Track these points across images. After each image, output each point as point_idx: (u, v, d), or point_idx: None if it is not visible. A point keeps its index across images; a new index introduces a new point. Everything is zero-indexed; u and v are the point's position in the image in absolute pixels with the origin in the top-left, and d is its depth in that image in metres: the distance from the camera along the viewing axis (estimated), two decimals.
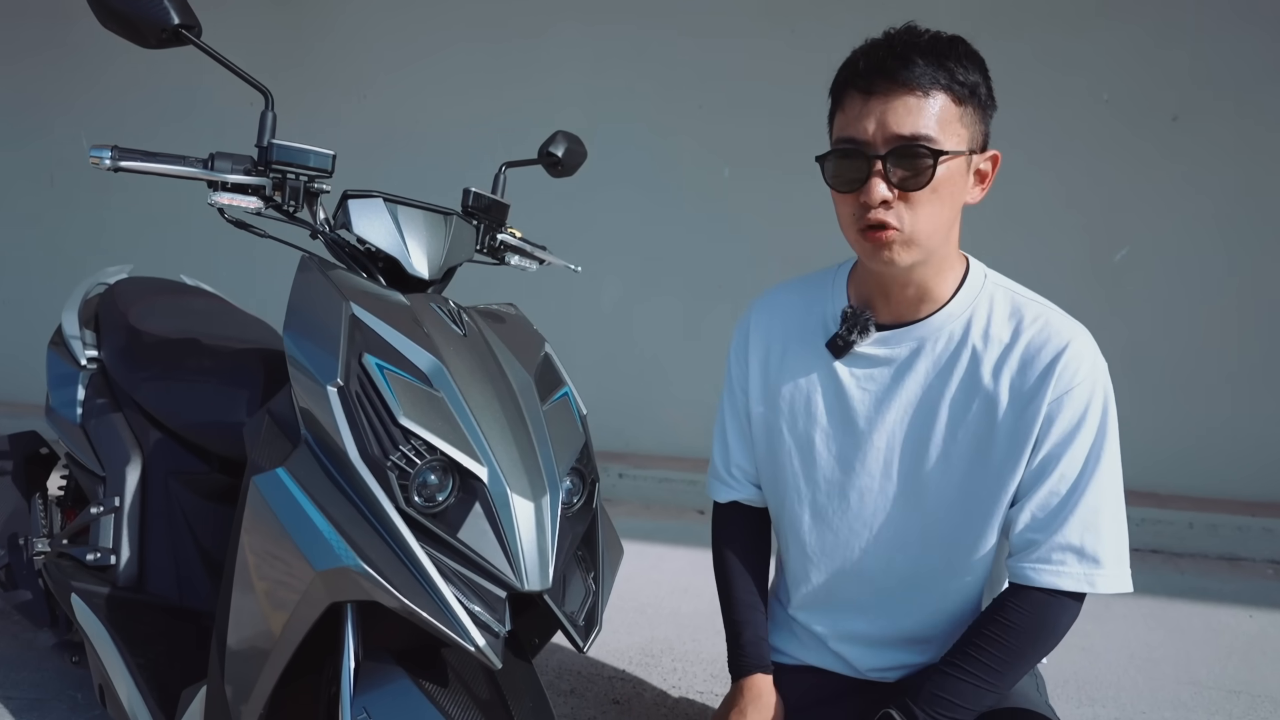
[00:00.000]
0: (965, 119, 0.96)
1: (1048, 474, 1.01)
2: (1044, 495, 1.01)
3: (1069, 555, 0.99)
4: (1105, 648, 2.09)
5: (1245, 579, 2.60)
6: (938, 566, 1.10)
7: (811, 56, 3.08)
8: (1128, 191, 2.93)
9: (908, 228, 0.96)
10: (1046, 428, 1.00)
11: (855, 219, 0.98)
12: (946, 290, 1.06)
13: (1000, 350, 1.02)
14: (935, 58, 0.93)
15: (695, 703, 1.86)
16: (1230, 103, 2.82)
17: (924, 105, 0.93)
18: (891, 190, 0.94)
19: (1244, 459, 2.91)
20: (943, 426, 1.05)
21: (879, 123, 0.93)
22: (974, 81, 0.96)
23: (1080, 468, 1.00)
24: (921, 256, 0.99)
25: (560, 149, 1.53)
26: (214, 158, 1.09)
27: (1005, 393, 1.01)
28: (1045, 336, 1.01)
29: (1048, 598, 1.01)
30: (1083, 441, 1.00)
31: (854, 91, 0.96)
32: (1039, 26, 2.89)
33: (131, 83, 4.10)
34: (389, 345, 0.97)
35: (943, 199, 0.96)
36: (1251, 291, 2.88)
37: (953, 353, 1.05)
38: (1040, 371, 0.99)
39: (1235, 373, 2.91)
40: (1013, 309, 1.05)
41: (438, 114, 3.67)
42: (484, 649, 0.84)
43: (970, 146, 0.97)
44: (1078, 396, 0.99)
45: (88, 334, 1.69)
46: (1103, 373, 1.01)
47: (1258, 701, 1.85)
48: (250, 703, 0.92)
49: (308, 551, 0.85)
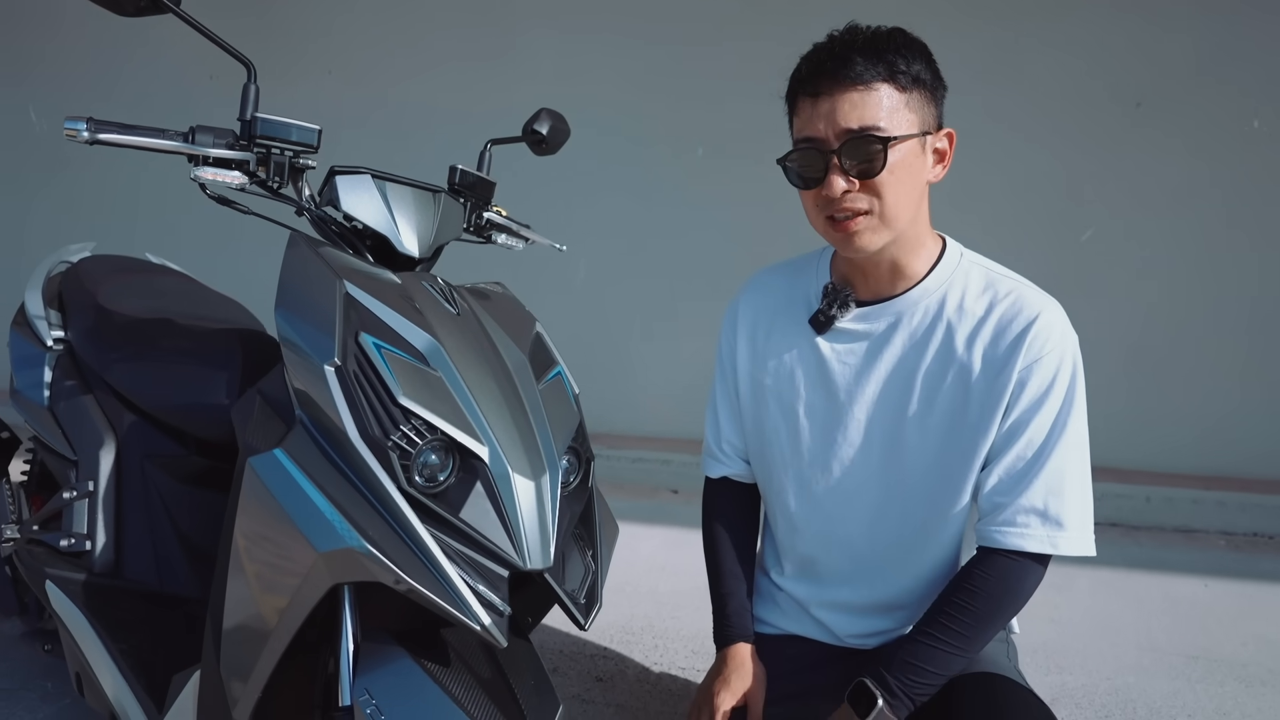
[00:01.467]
0: (912, 104, 1.00)
1: (1016, 438, 1.04)
2: (1011, 459, 1.04)
3: (1033, 518, 1.02)
4: (1070, 618, 2.16)
5: (1200, 550, 2.71)
6: (915, 532, 1.13)
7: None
8: (1093, 175, 3.00)
9: (875, 210, 1.00)
10: (1017, 394, 1.03)
11: (820, 212, 1.03)
12: (921, 267, 1.10)
13: (974, 323, 1.06)
14: (873, 53, 0.98)
15: (678, 678, 1.88)
16: (1192, 89, 2.89)
17: (867, 98, 0.97)
18: (850, 181, 0.99)
19: (1198, 435, 3.03)
20: (918, 396, 1.09)
21: (828, 120, 0.99)
22: (916, 69, 0.99)
23: (1047, 433, 1.03)
24: (890, 237, 1.03)
25: (545, 126, 1.51)
26: (195, 131, 1.05)
27: (978, 362, 1.05)
28: (1017, 308, 1.04)
29: (1012, 561, 1.04)
30: (1050, 408, 1.03)
31: (803, 96, 1.02)
32: (1013, 15, 2.92)
33: (82, 56, 3.94)
34: (384, 324, 0.95)
35: (901, 180, 1.00)
36: (1211, 271, 2.98)
37: (928, 326, 1.08)
38: (1011, 340, 1.03)
39: (1193, 351, 3.01)
40: (987, 284, 1.08)
41: (406, 91, 3.60)
42: (489, 628, 0.84)
43: (923, 129, 1.01)
44: (1047, 364, 1.02)
45: (52, 314, 1.63)
46: (1072, 344, 1.05)
47: (1214, 665, 1.94)
48: (249, 686, 0.91)
49: (309, 533, 0.83)
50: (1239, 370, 2.99)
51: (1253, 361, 2.98)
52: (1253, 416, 2.98)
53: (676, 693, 1.83)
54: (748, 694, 1.17)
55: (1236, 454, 3.01)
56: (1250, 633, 2.10)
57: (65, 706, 1.65)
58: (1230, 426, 3.01)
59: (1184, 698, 1.80)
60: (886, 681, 1.02)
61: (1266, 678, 1.88)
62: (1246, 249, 2.94)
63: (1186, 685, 1.85)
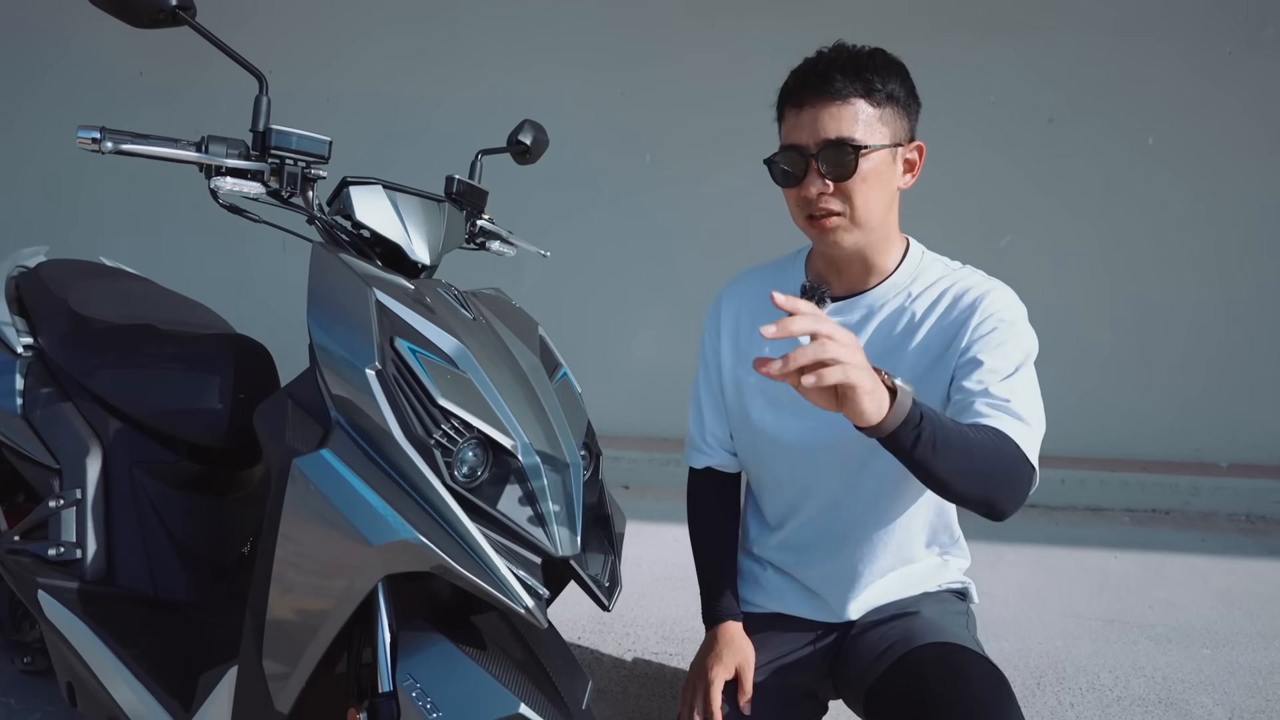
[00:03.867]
0: (885, 118, 1.12)
1: (977, 367, 1.09)
2: (978, 376, 1.09)
3: (997, 413, 1.05)
4: (1000, 591, 2.37)
5: (1108, 526, 2.99)
6: (890, 504, 1.25)
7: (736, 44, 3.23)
8: (1011, 184, 3.25)
9: (847, 212, 1.12)
10: (973, 340, 1.12)
11: (801, 209, 1.16)
12: (890, 264, 1.23)
13: (933, 307, 1.19)
14: (853, 71, 1.10)
15: (651, 662, 1.97)
16: (1099, 107, 3.17)
17: (844, 111, 1.09)
18: (826, 183, 1.11)
19: (1105, 423, 3.31)
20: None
21: (810, 129, 1.10)
22: (891, 87, 1.12)
23: (1010, 370, 1.10)
24: (861, 235, 1.15)
25: (529, 137, 1.58)
26: (207, 141, 1.08)
27: (937, 334, 1.17)
28: (970, 285, 1.18)
29: (1001, 435, 1.03)
30: (1009, 349, 1.11)
31: (790, 106, 1.14)
32: (938, 34, 3.13)
33: (10, 53, 3.73)
34: (415, 329, 1.00)
35: (872, 186, 1.12)
36: (1117, 274, 3.27)
37: (896, 314, 1.21)
38: (965, 308, 1.16)
39: (1100, 348, 3.30)
40: (944, 274, 1.23)
41: (346, 93, 3.56)
42: (533, 610, 0.92)
43: (894, 140, 1.13)
44: (1001, 318, 1.13)
45: (18, 320, 1.59)
46: (1022, 309, 1.18)
47: (1128, 628, 2.17)
48: (293, 677, 0.94)
49: (363, 527, 0.88)
50: (1137, 362, 3.29)
51: (1153, 353, 3.28)
52: (1151, 403, 3.29)
53: (652, 676, 1.92)
54: (739, 667, 1.26)
55: (1137, 438, 3.32)
56: (1156, 597, 2.35)
57: (50, 713, 1.61)
58: (1131, 413, 3.31)
59: (1104, 657, 2.01)
60: (916, 405, 0.92)
61: (1172, 635, 2.12)
62: (1144, 252, 3.24)
63: (1105, 645, 2.06)
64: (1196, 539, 2.84)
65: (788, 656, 1.31)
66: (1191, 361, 3.26)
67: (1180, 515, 3.08)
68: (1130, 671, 1.95)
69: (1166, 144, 3.17)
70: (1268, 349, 3.24)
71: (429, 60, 3.50)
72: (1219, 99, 3.11)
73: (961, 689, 1.06)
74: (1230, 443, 3.28)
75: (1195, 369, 3.26)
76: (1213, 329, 3.24)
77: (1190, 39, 3.09)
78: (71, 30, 3.65)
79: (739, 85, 3.28)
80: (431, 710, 0.92)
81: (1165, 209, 3.21)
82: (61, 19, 3.65)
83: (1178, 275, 3.24)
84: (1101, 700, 1.83)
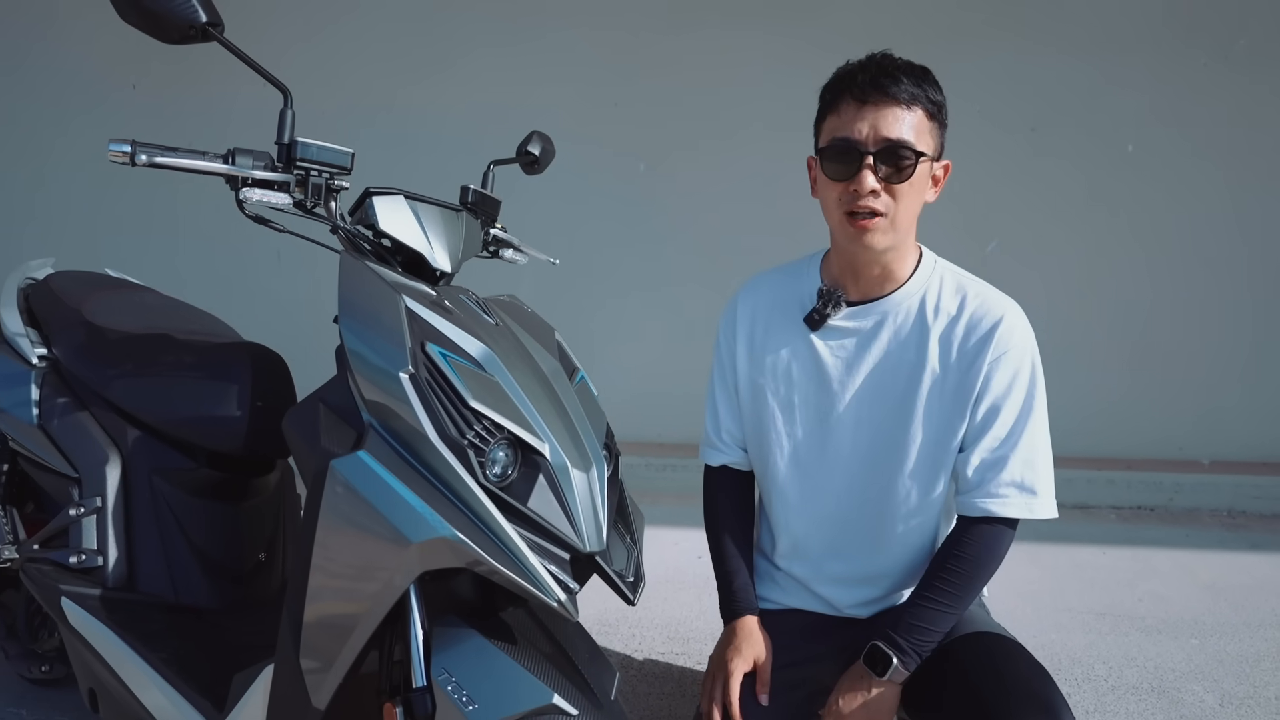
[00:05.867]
0: (933, 132, 1.17)
1: (990, 425, 1.21)
2: (989, 441, 1.21)
3: (1012, 489, 1.20)
4: (996, 586, 2.41)
5: (1095, 523, 3.06)
6: (899, 507, 1.29)
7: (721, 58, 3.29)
8: (996, 191, 3.33)
9: (891, 214, 1.16)
10: (986, 384, 1.21)
11: (840, 204, 1.18)
12: (905, 271, 1.27)
13: (948, 320, 1.24)
14: (916, 79, 1.14)
15: (659, 662, 2.01)
16: (1080, 116, 3.27)
17: (907, 116, 1.13)
18: (879, 183, 1.14)
19: (1090, 423, 3.39)
20: (902, 385, 1.25)
21: (871, 126, 1.13)
22: (940, 101, 1.17)
23: (1016, 417, 1.21)
24: (896, 240, 1.19)
25: (537, 147, 1.62)
26: (234, 153, 1.10)
27: (953, 355, 1.22)
28: (985, 309, 1.23)
29: (991, 527, 1.21)
30: (1017, 396, 1.21)
31: (850, 99, 1.15)
32: (923, 46, 3.18)
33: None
34: (443, 334, 1.04)
35: (917, 193, 1.17)
36: (1099, 279, 3.36)
37: (910, 323, 1.25)
38: (980, 337, 1.21)
39: (1084, 347, 3.38)
40: (957, 286, 1.26)
41: (337, 98, 3.57)
42: (565, 603, 0.95)
43: (936, 154, 1.19)
44: (1012, 358, 1.21)
45: (31, 331, 1.61)
46: (1031, 339, 1.24)
47: (1118, 620, 2.23)
48: (331, 673, 0.97)
49: (402, 525, 0.91)
50: (1124, 363, 3.38)
51: (1136, 355, 3.37)
52: (1137, 404, 3.38)
53: (659, 675, 1.95)
54: (757, 660, 1.29)
55: (1123, 438, 3.40)
56: (1144, 590, 2.42)
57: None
58: (1117, 414, 3.40)
59: (1098, 649, 2.07)
60: (896, 642, 1.18)
61: (1161, 627, 2.18)
62: (1128, 255, 3.33)
63: (1099, 638, 2.12)
64: (1181, 534, 2.92)
65: (805, 650, 1.34)
66: (1172, 362, 3.36)
67: (1165, 512, 3.16)
68: (1123, 662, 2.00)
69: (1145, 151, 3.27)
70: (1245, 349, 3.34)
71: (425, 72, 3.53)
72: (1195, 109, 3.22)
73: (1011, 681, 1.11)
74: (1211, 441, 3.37)
75: (1176, 369, 3.36)
76: (1192, 331, 3.34)
77: (1167, 51, 3.20)
78: (61, 40, 3.65)
79: (734, 94, 3.35)
80: (467, 703, 0.95)
81: (1145, 213, 3.30)
82: (53, 27, 3.65)
83: (1157, 279, 3.34)
84: (1097, 690, 1.88)
